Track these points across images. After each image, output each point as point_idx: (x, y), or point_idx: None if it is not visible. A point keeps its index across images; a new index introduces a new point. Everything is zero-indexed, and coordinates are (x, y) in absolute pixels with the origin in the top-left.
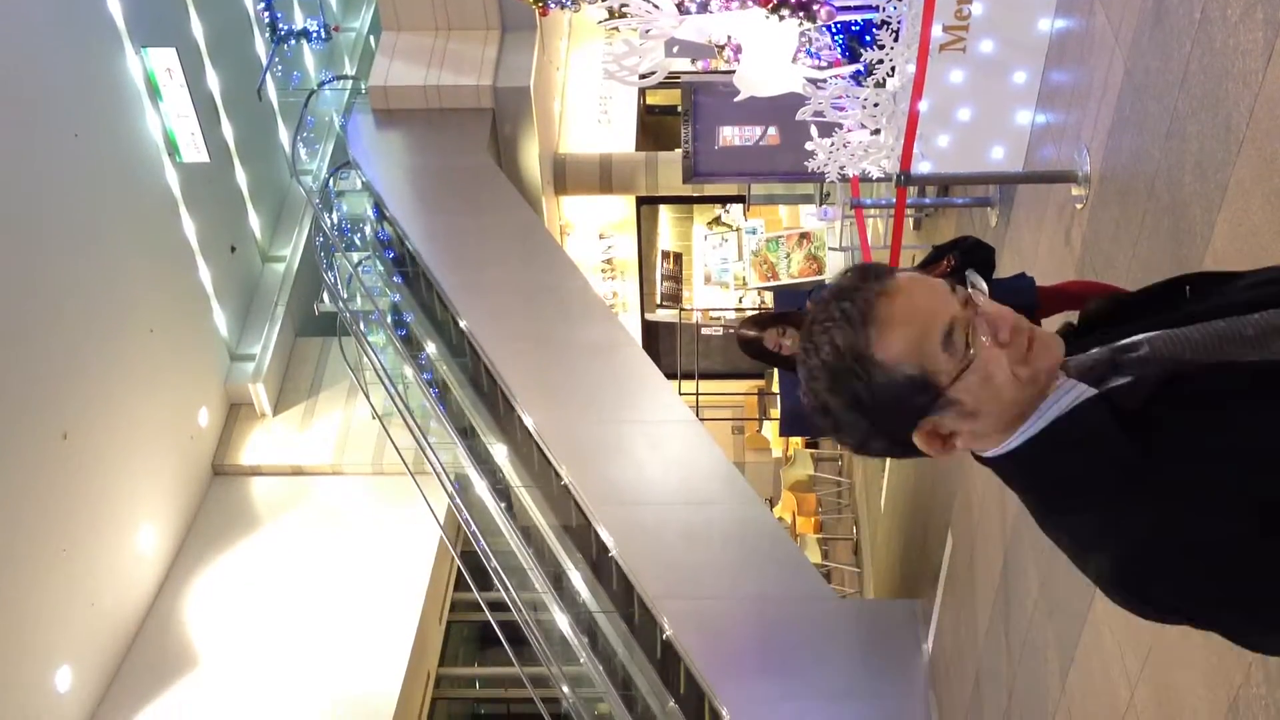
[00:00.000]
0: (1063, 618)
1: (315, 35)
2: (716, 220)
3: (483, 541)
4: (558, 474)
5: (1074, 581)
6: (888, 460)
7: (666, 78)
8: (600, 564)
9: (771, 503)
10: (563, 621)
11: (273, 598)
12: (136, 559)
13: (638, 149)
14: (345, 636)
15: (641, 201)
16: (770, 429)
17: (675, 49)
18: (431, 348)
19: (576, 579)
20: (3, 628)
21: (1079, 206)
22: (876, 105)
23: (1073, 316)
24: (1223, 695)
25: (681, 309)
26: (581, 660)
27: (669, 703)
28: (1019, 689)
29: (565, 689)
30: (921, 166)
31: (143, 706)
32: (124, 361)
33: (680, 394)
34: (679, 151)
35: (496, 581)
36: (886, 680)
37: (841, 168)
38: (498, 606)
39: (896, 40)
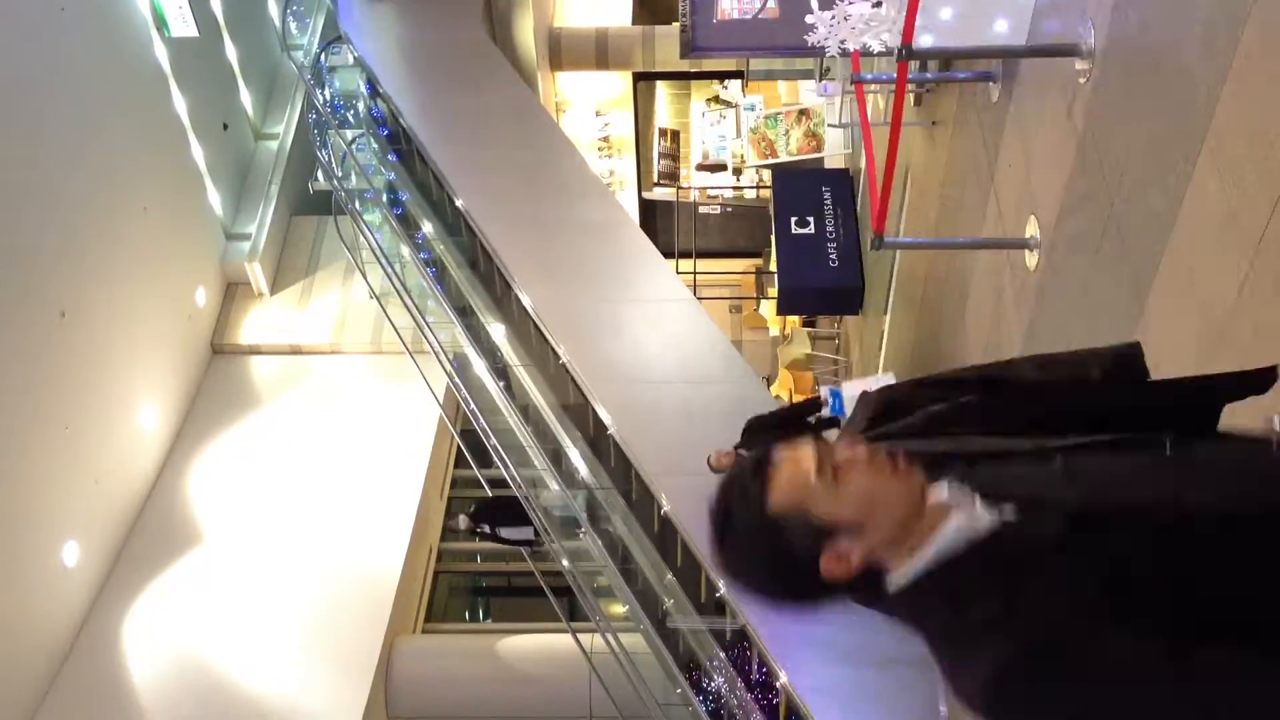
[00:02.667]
0: None
1: None
2: (715, 98)
3: (482, 420)
4: (556, 353)
5: None
6: (884, 339)
7: None
8: (598, 441)
9: (768, 381)
10: (562, 497)
11: (275, 475)
12: (138, 437)
13: (634, 23)
14: (348, 513)
15: (638, 78)
16: (768, 307)
17: None
18: (428, 227)
19: (575, 456)
20: (9, 504)
21: (1082, 81)
22: None
23: None
24: None
25: (679, 187)
26: (580, 535)
27: (667, 575)
28: None
29: (565, 563)
30: (923, 40)
31: (149, 581)
32: (119, 240)
33: (678, 272)
34: (676, 25)
35: (496, 459)
36: None
37: (842, 42)
38: (498, 483)
39: None
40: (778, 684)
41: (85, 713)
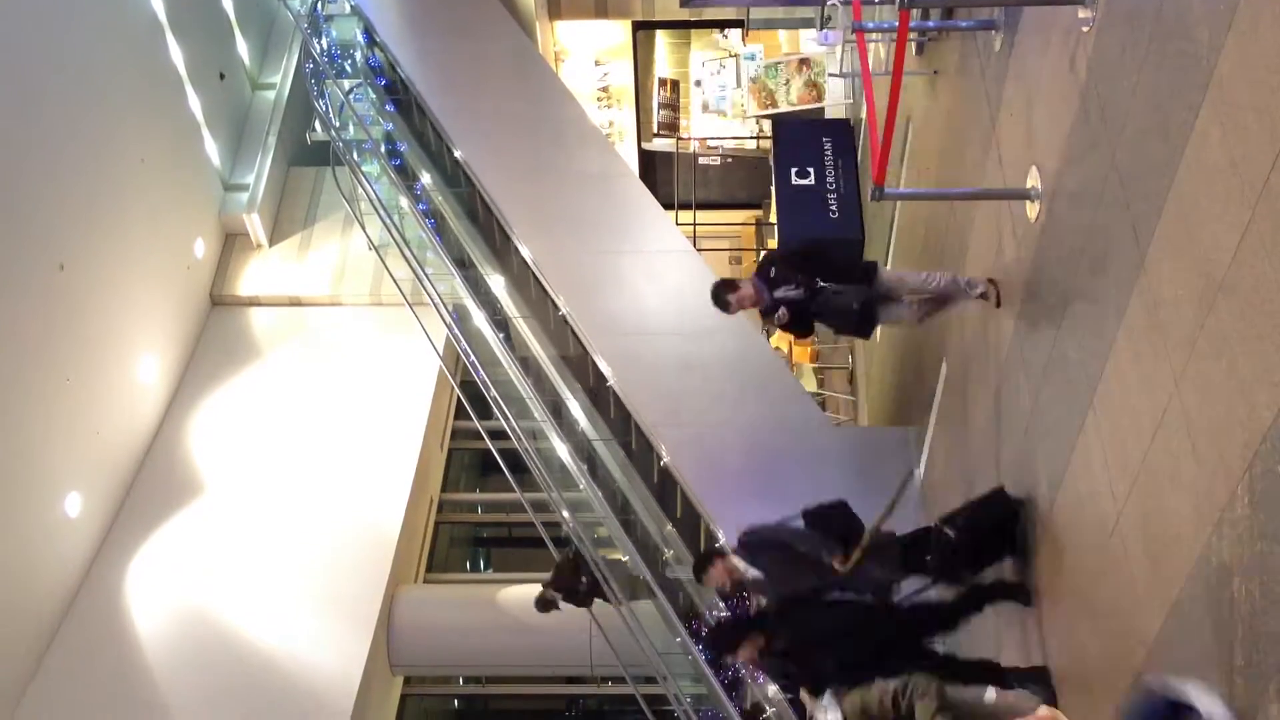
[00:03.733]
0: (1053, 442)
1: None
2: (715, 46)
3: (482, 371)
4: (555, 305)
5: (1065, 409)
6: None
7: None
8: (598, 393)
9: (768, 332)
10: (562, 449)
11: (276, 427)
12: (139, 388)
13: None
14: (349, 464)
15: (638, 27)
16: None
17: None
18: (426, 178)
19: (575, 408)
20: (11, 456)
21: (1085, 30)
22: None
23: None
24: (1208, 517)
25: (678, 138)
26: (581, 486)
27: (666, 526)
28: None
29: (565, 514)
30: None
31: (152, 531)
32: (116, 192)
33: (678, 224)
34: None
35: (496, 410)
36: (879, 506)
37: None
38: (498, 435)
39: None
40: None
41: (90, 662)
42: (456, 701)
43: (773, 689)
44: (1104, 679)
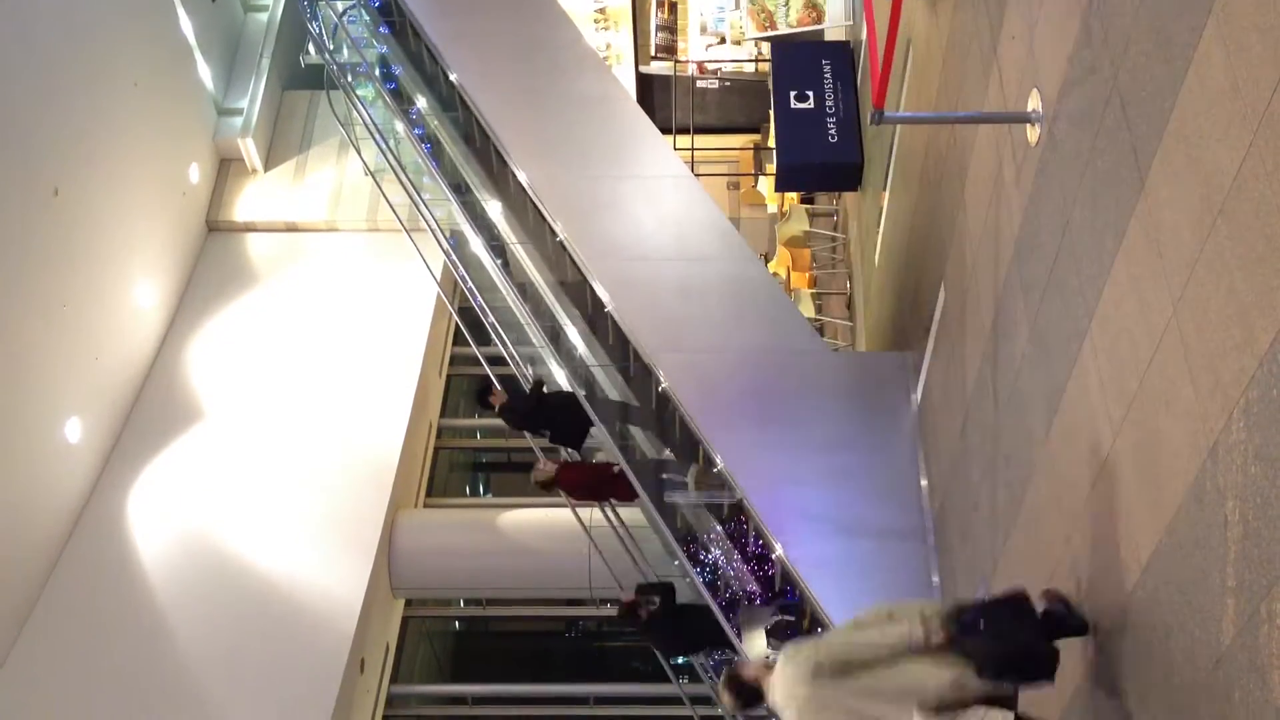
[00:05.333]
0: (1050, 368)
1: None
2: None
3: (479, 298)
4: (553, 230)
5: (1063, 334)
6: (883, 215)
7: None
8: (596, 319)
9: (766, 258)
10: (560, 375)
11: (274, 353)
12: (137, 314)
13: None
14: (348, 390)
15: None
16: (766, 184)
17: None
18: (422, 102)
19: (573, 334)
20: (10, 381)
21: None
22: None
23: None
24: (1203, 440)
25: (676, 60)
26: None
27: (664, 451)
28: (1004, 437)
29: None
30: None
31: (153, 457)
32: (110, 116)
33: (675, 149)
34: None
35: (494, 336)
36: (876, 430)
37: None
38: (496, 361)
39: None
40: (774, 556)
41: (93, 586)
42: (457, 623)
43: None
44: (1097, 603)
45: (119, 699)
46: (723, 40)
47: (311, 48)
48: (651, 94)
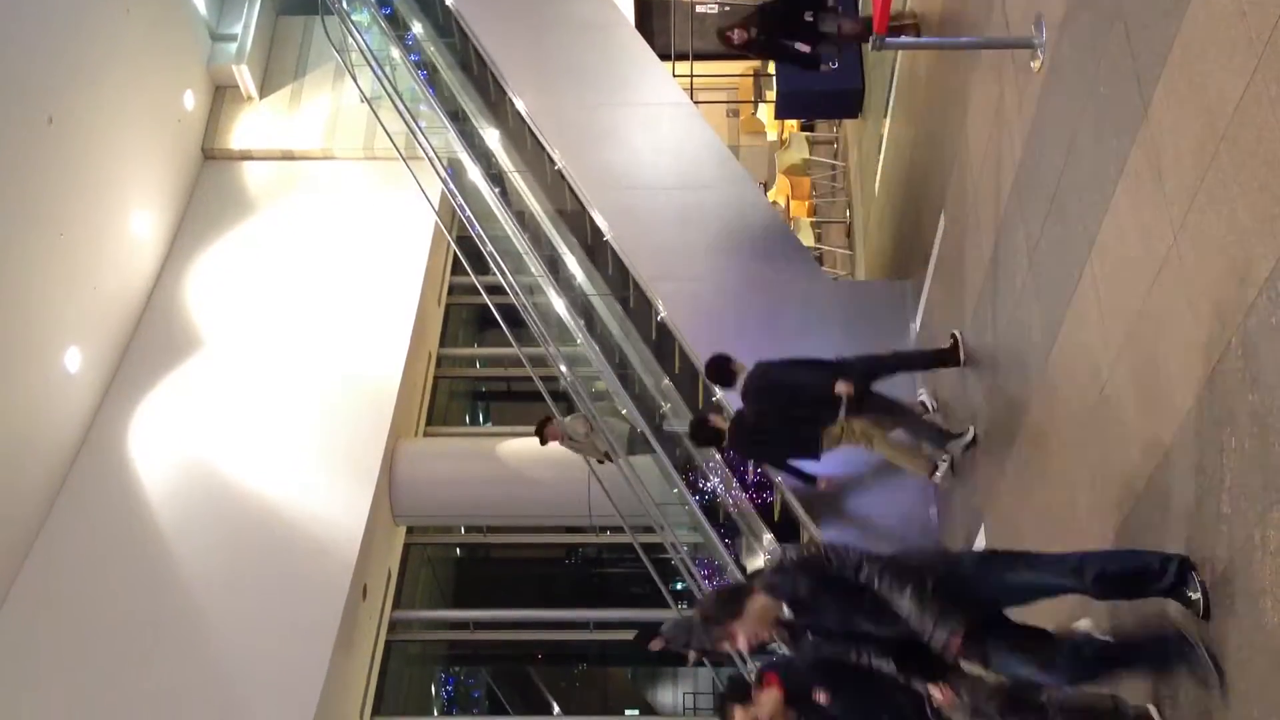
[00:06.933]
0: (1050, 296)
1: None
2: None
3: (478, 226)
4: (551, 159)
5: (1063, 262)
6: (883, 143)
7: None
8: (595, 248)
9: (765, 186)
10: (559, 304)
11: (273, 282)
12: (134, 243)
13: None
14: (347, 318)
15: None
16: (766, 112)
17: None
18: (418, 27)
19: (571, 263)
20: (9, 311)
21: None
22: None
23: None
24: (1201, 369)
25: None
26: (578, 341)
27: (663, 380)
28: (1002, 366)
29: (563, 368)
30: None
31: (153, 386)
32: (102, 42)
33: (674, 75)
34: None
35: (493, 266)
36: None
37: None
38: (495, 290)
39: None
40: (771, 484)
41: (96, 514)
42: (459, 550)
43: (768, 537)
44: (1094, 530)
45: (123, 629)
46: None
47: None
48: (650, 19)
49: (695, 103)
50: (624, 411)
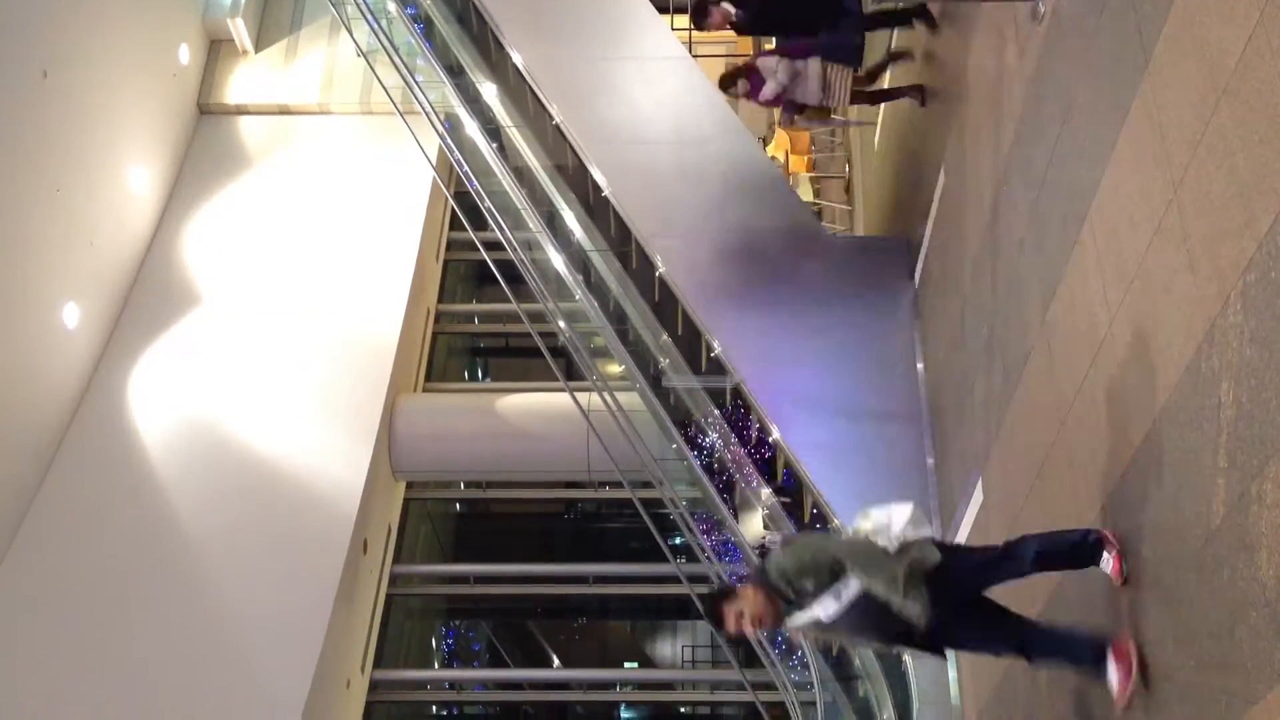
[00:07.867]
0: (1049, 252)
1: None
2: None
3: (475, 182)
4: (549, 113)
5: (1063, 217)
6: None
7: None
8: (594, 203)
9: (764, 141)
10: (558, 260)
11: (270, 237)
12: (130, 198)
13: None
14: (345, 274)
15: None
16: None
17: None
18: None
19: (570, 218)
20: (6, 267)
21: None
22: None
23: None
24: (1200, 324)
25: None
26: (577, 297)
27: (662, 336)
28: (1001, 321)
29: (561, 324)
30: None
31: (151, 342)
32: None
33: (673, 29)
34: None
35: (491, 221)
36: (874, 314)
37: None
38: (493, 246)
39: None
40: (770, 439)
41: (95, 471)
42: (458, 505)
43: (766, 492)
44: (1091, 483)
45: (123, 584)
46: None
47: None
48: None
49: (694, 56)
50: (621, 368)
